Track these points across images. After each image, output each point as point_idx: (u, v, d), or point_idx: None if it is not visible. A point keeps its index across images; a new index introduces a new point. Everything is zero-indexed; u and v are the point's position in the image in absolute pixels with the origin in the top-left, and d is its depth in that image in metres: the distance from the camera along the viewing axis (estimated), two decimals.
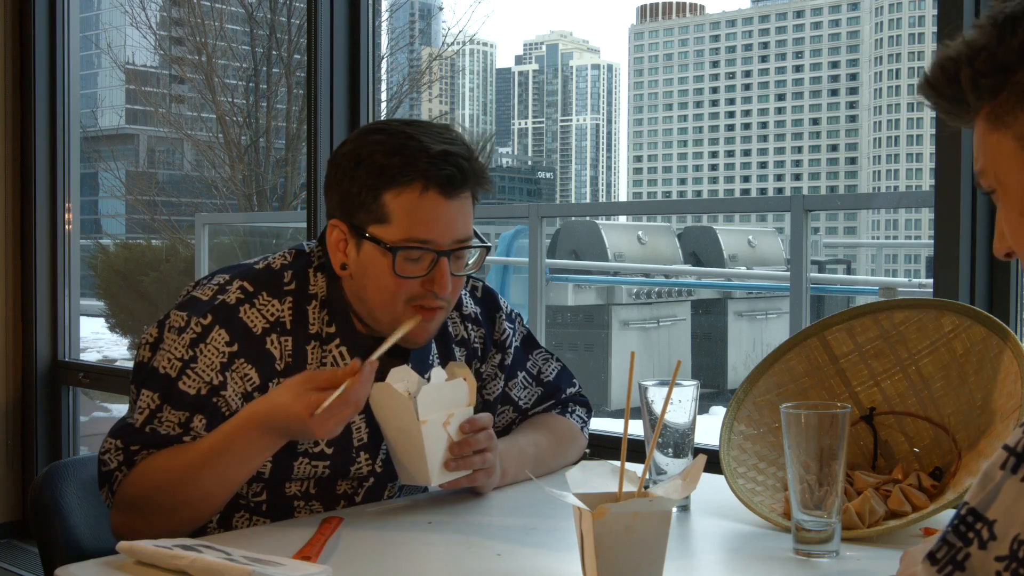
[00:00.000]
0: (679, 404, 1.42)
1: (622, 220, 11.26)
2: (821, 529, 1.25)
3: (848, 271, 14.93)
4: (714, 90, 66.86)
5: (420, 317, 1.47)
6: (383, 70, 14.63)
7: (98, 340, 10.99)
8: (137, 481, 1.42)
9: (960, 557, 0.75)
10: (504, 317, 1.70)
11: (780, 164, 63.79)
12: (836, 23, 62.23)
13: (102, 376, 3.94)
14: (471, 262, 1.52)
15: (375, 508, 1.54)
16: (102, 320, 10.97)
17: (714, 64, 67.03)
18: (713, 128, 66.86)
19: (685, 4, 72.43)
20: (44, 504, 1.66)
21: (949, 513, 1.33)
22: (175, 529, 1.38)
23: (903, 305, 1.52)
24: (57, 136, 3.89)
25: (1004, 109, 0.90)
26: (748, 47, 66.00)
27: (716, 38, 66.84)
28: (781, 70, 64.61)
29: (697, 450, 1.39)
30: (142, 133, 20.58)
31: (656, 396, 1.41)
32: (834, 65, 62.45)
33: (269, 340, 1.47)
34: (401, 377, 1.45)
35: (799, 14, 63.60)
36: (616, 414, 9.21)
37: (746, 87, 65.76)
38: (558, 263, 9.85)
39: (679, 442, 1.43)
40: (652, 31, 69.05)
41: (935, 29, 2.03)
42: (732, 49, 66.34)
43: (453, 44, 20.96)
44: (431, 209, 1.44)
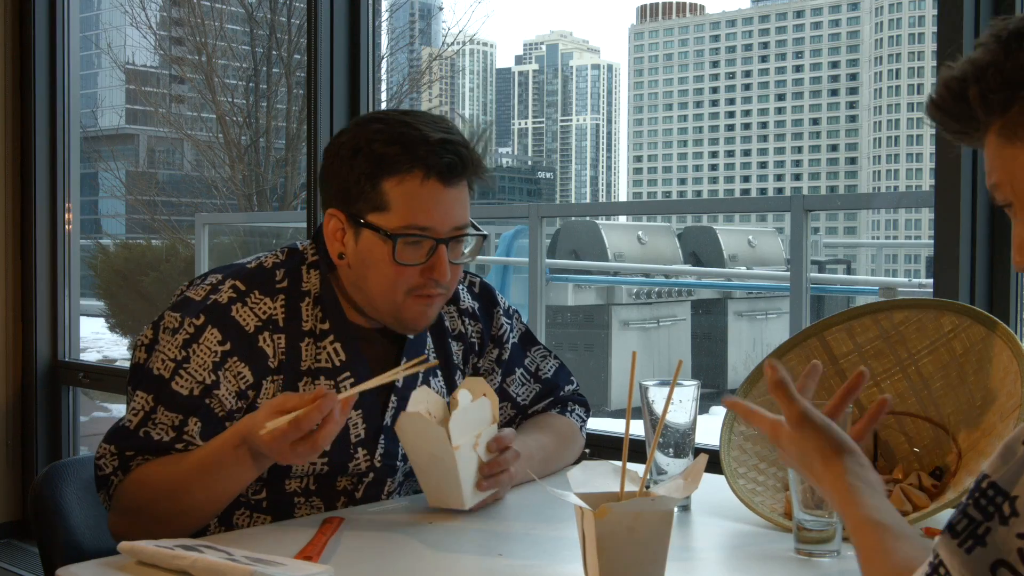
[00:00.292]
0: (680, 404, 1.42)
1: (622, 220, 11.26)
2: (822, 529, 1.25)
3: (848, 271, 14.93)
4: (714, 90, 66.85)
5: (411, 364, 1.47)
6: (383, 70, 14.62)
7: (98, 340, 11.00)
8: (133, 488, 1.43)
9: (981, 531, 0.75)
10: (502, 313, 1.70)
11: (780, 164, 63.78)
12: (836, 23, 62.23)
13: (102, 376, 3.94)
14: (468, 250, 1.53)
15: (376, 508, 1.54)
16: (102, 320, 10.98)
17: (714, 64, 67.02)
18: (713, 128, 66.85)
19: (685, 4, 72.43)
20: (44, 504, 1.66)
21: (950, 513, 1.33)
22: (172, 534, 1.38)
23: (903, 305, 1.52)
24: (57, 136, 3.89)
25: (1018, 123, 0.91)
26: (748, 47, 65.99)
27: (716, 38, 66.84)
28: (781, 70, 64.60)
29: (698, 450, 1.39)
30: (142, 133, 20.57)
31: (657, 396, 1.41)
32: (834, 65, 62.45)
33: (262, 338, 1.48)
34: (423, 399, 1.44)
35: (799, 14, 63.60)
36: (616, 414, 9.21)
37: (746, 87, 65.76)
38: (558, 263, 9.85)
39: (680, 442, 1.43)
40: (652, 31, 69.04)
41: (935, 29, 2.03)
42: (732, 49, 66.33)
43: (453, 44, 20.98)
44: (431, 196, 1.45)
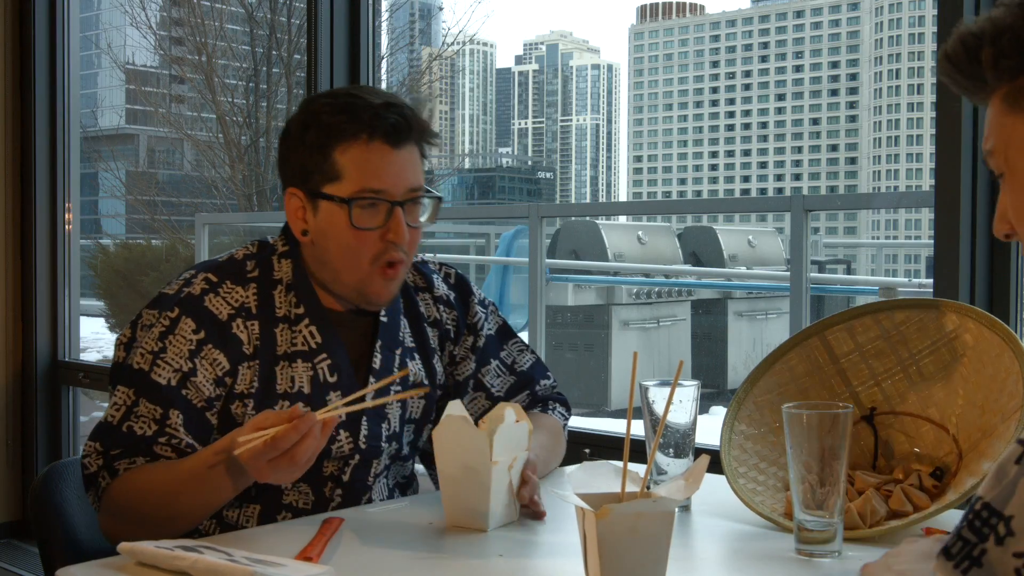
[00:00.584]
0: (680, 404, 1.41)
1: (622, 220, 11.24)
2: (823, 529, 1.25)
3: (848, 271, 14.91)
4: (714, 90, 66.85)
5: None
6: (383, 70, 14.61)
7: (98, 340, 10.99)
8: (122, 492, 1.44)
9: (976, 553, 0.74)
10: (476, 302, 1.72)
11: (780, 164, 63.79)
12: (836, 23, 62.23)
13: (102, 376, 3.94)
14: (426, 216, 1.55)
15: (376, 508, 1.54)
16: (102, 320, 10.98)
17: (714, 64, 67.02)
18: (713, 128, 66.86)
19: (685, 4, 72.43)
20: (44, 504, 1.66)
21: (951, 513, 1.33)
22: (162, 537, 1.38)
23: (903, 305, 1.52)
24: (57, 136, 3.89)
25: (1022, 92, 0.89)
26: (748, 47, 65.99)
27: (716, 38, 66.84)
28: (781, 70, 64.61)
29: (698, 450, 1.39)
30: (142, 133, 20.58)
31: (657, 396, 1.41)
32: (834, 65, 62.45)
33: (235, 325, 1.50)
34: (461, 410, 1.42)
35: (799, 14, 63.60)
36: (617, 414, 9.21)
37: (746, 87, 65.76)
38: (558, 263, 9.84)
39: (680, 442, 1.43)
40: (652, 31, 69.05)
41: (935, 29, 2.03)
42: (732, 49, 66.33)
43: (453, 44, 21.00)
44: (380, 159, 1.48)
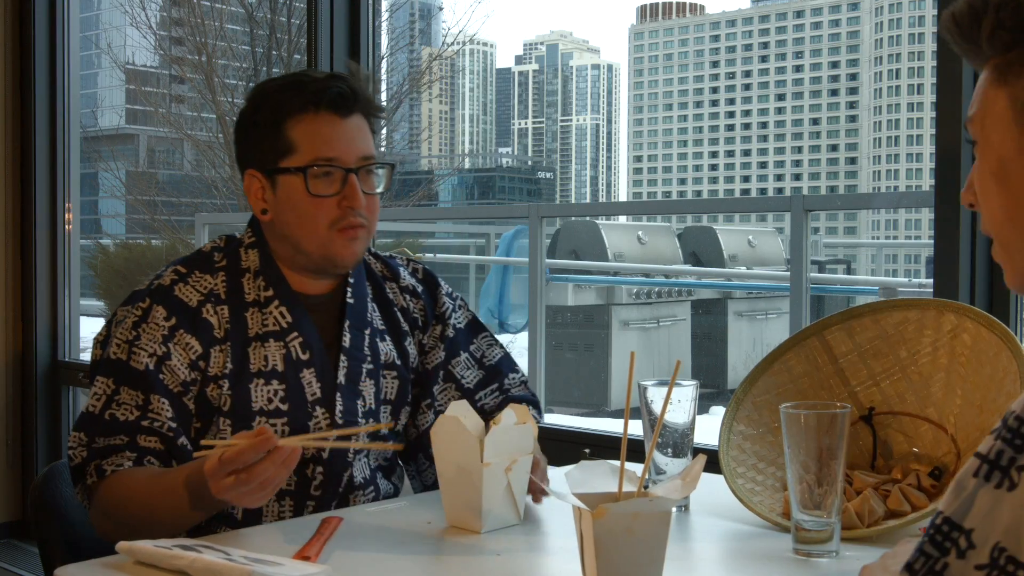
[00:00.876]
0: (678, 404, 1.42)
1: (622, 220, 11.24)
2: (821, 529, 1.25)
3: (848, 271, 14.90)
4: (714, 90, 66.83)
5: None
6: (383, 70, 14.62)
7: None
8: (107, 497, 1.45)
9: (939, 567, 0.74)
10: (444, 293, 1.75)
11: (780, 164, 63.78)
12: (836, 23, 62.21)
13: None
14: (380, 184, 1.61)
15: (375, 508, 1.54)
16: (102, 320, 10.96)
17: (714, 64, 67.00)
18: (713, 128, 66.84)
19: (685, 4, 72.41)
20: (44, 504, 1.66)
21: None
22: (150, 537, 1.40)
23: (903, 305, 1.52)
24: (57, 136, 3.89)
25: (1010, 67, 0.89)
26: (748, 47, 65.97)
27: (716, 38, 66.82)
28: (781, 70, 64.59)
29: (696, 450, 1.39)
30: (142, 133, 20.59)
31: (655, 396, 1.41)
32: (834, 65, 62.44)
33: (205, 310, 1.54)
34: (462, 411, 1.42)
35: (799, 14, 63.59)
36: (616, 414, 9.20)
37: (746, 87, 65.74)
38: (558, 263, 9.84)
39: (678, 442, 1.43)
40: (652, 31, 69.03)
41: (935, 29, 2.02)
42: (732, 49, 66.31)
43: (453, 44, 20.98)
44: (329, 128, 1.54)
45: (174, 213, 14.53)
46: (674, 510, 1.32)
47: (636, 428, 1.39)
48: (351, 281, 1.64)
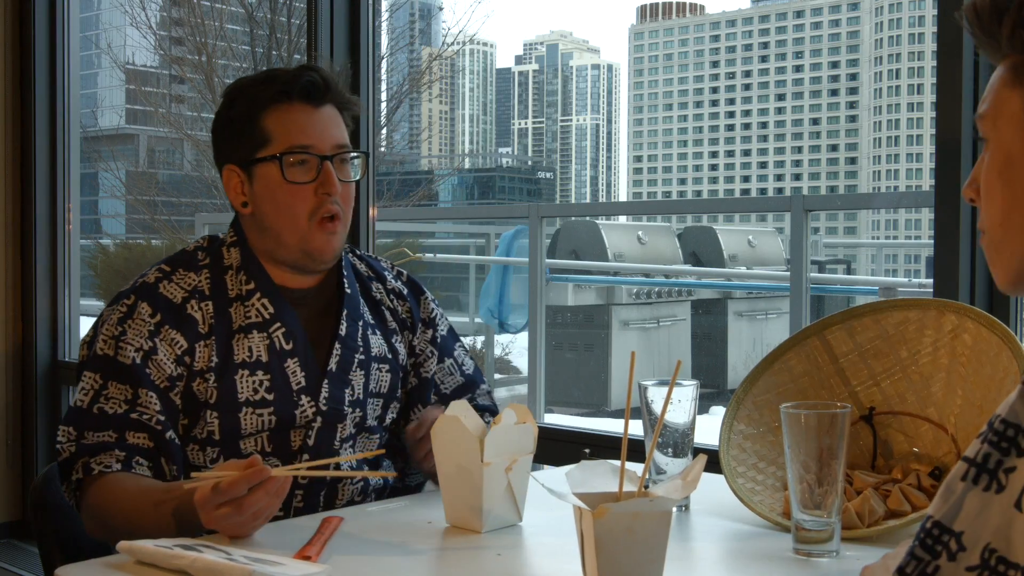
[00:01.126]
0: (679, 404, 1.42)
1: (622, 220, 11.23)
2: (821, 529, 1.25)
3: (848, 271, 14.89)
4: (714, 90, 66.87)
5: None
6: (383, 70, 14.63)
7: None
8: (95, 501, 1.46)
9: (930, 570, 0.74)
10: (429, 299, 1.78)
11: (780, 164, 63.82)
12: (836, 23, 62.24)
13: None
14: (356, 174, 1.63)
15: (375, 508, 1.54)
16: None
17: (714, 64, 67.04)
18: (713, 128, 66.88)
19: (685, 4, 72.45)
20: (44, 504, 1.67)
21: None
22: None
23: (903, 305, 1.52)
24: (57, 136, 3.89)
25: None
26: (748, 47, 66.01)
27: (716, 38, 66.84)
28: (781, 70, 64.62)
29: (696, 450, 1.39)
30: (142, 133, 20.60)
31: (656, 396, 1.41)
32: (834, 65, 62.47)
33: (190, 306, 1.56)
34: (463, 411, 1.42)
35: (799, 14, 63.62)
36: (616, 414, 9.20)
37: (746, 87, 65.78)
38: (558, 263, 9.83)
39: (679, 442, 1.43)
40: (652, 31, 69.07)
41: (935, 29, 2.03)
42: (732, 49, 66.34)
43: (453, 44, 20.99)
44: (304, 117, 1.57)
45: (174, 213, 14.54)
46: (674, 510, 1.32)
47: (636, 428, 1.39)
48: (345, 274, 1.66)
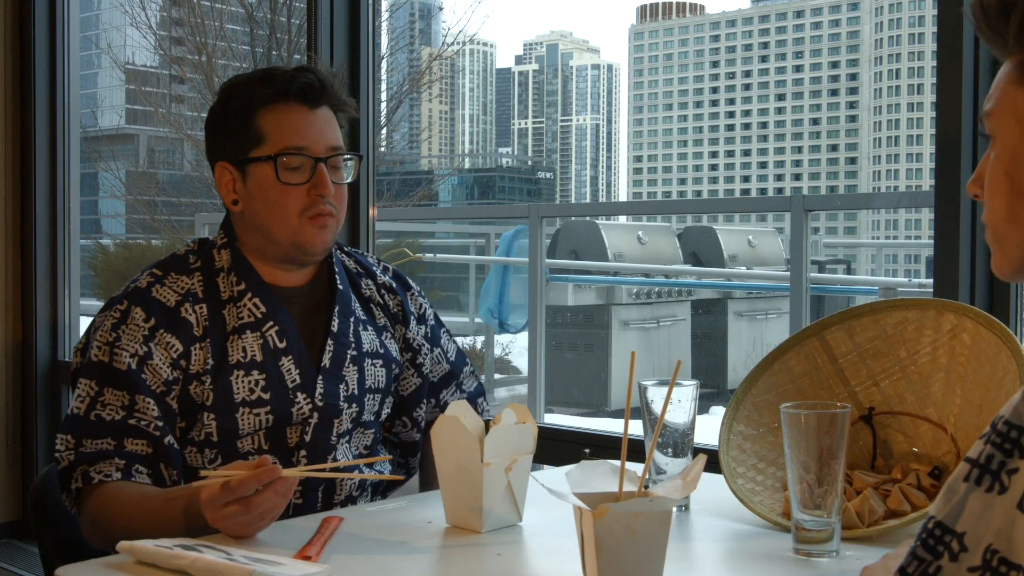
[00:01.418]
0: (678, 404, 1.42)
1: (622, 220, 11.23)
2: (821, 529, 1.25)
3: (848, 271, 14.90)
4: (714, 90, 66.86)
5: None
6: (383, 70, 14.63)
7: None
8: (95, 509, 1.46)
9: (932, 571, 0.74)
10: (418, 294, 1.80)
11: (780, 164, 63.81)
12: (836, 23, 62.24)
13: None
14: (349, 175, 1.63)
15: (375, 508, 1.54)
16: None
17: (714, 64, 67.02)
18: (713, 128, 66.87)
19: (685, 4, 72.45)
20: (44, 504, 1.67)
21: None
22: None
23: (902, 305, 1.52)
24: (57, 136, 3.89)
25: None
26: (748, 47, 66.00)
27: (716, 38, 66.84)
28: (781, 70, 64.61)
29: (696, 450, 1.39)
30: (142, 133, 20.60)
31: (656, 396, 1.41)
32: (834, 65, 62.46)
33: (184, 309, 1.56)
34: (462, 411, 1.42)
35: (799, 14, 63.61)
36: (616, 414, 9.20)
37: (746, 87, 65.77)
38: (558, 263, 9.83)
39: (679, 442, 1.43)
40: (652, 31, 69.07)
41: (935, 29, 2.03)
42: (732, 49, 66.33)
43: (453, 44, 21.00)
44: (298, 118, 1.57)
45: (174, 213, 14.54)
46: (674, 510, 1.32)
47: (636, 428, 1.39)
48: (336, 271, 1.67)
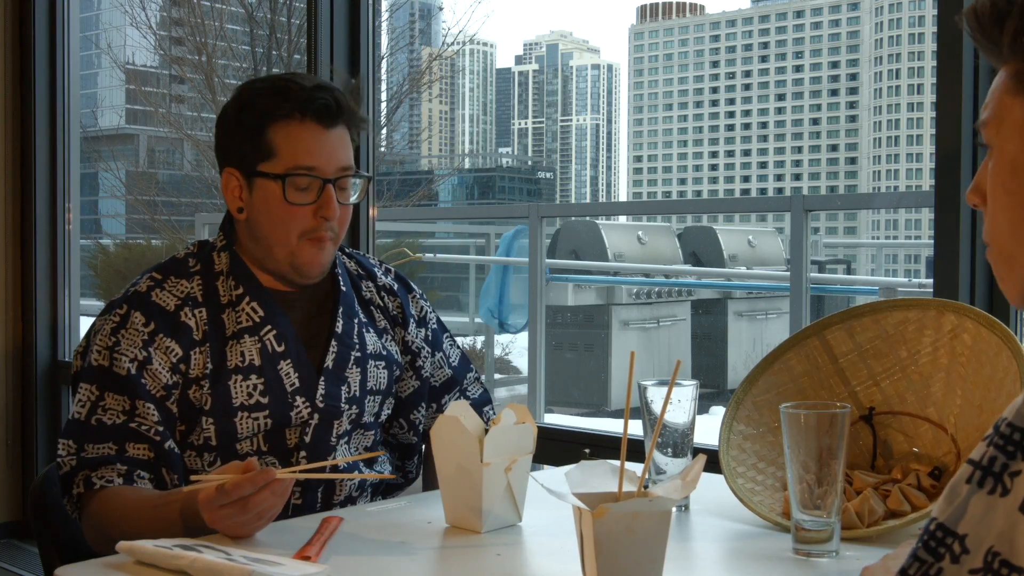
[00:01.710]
0: (678, 404, 1.42)
1: (622, 220, 11.24)
2: (820, 529, 1.25)
3: (848, 271, 14.90)
4: (714, 90, 66.86)
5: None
6: (383, 70, 14.63)
7: None
8: (97, 513, 1.46)
9: (933, 572, 0.74)
10: (419, 296, 1.79)
11: (780, 164, 63.83)
12: (836, 23, 62.25)
13: None
14: (355, 194, 1.63)
15: (375, 508, 1.54)
16: None
17: (714, 64, 67.03)
18: (713, 128, 66.89)
19: (685, 4, 72.47)
20: (44, 504, 1.67)
21: None
22: None
23: (903, 305, 1.52)
24: (57, 136, 3.89)
25: None
26: (748, 47, 66.01)
27: (716, 38, 66.85)
28: (781, 70, 64.63)
29: (696, 450, 1.39)
30: (142, 133, 20.62)
31: (655, 396, 1.41)
32: (834, 65, 62.48)
33: (183, 313, 1.56)
34: (462, 411, 1.42)
35: (799, 14, 63.62)
36: (616, 414, 9.20)
37: (746, 87, 65.79)
38: (558, 263, 9.83)
39: (678, 442, 1.43)
40: (652, 31, 69.08)
41: (935, 29, 2.03)
42: (732, 49, 66.35)
43: (453, 44, 20.99)
44: (312, 137, 1.55)
45: (174, 213, 14.55)
46: (674, 510, 1.32)
47: (636, 428, 1.39)
48: (339, 272, 1.67)
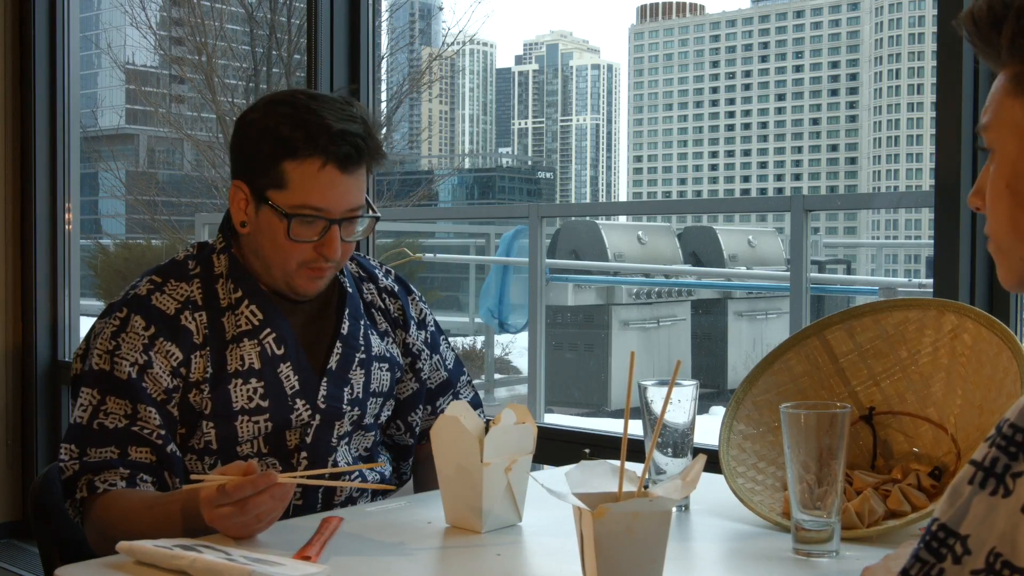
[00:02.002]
0: (678, 404, 1.42)
1: (622, 220, 11.24)
2: (821, 529, 1.25)
3: (848, 271, 14.90)
4: (714, 90, 66.85)
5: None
6: (383, 70, 14.63)
7: None
8: (100, 517, 1.46)
9: (935, 573, 0.74)
10: (418, 298, 1.80)
11: (780, 164, 63.81)
12: (836, 23, 62.23)
13: None
14: (360, 229, 1.61)
15: (375, 508, 1.54)
16: None
17: (714, 64, 67.02)
18: (713, 128, 66.86)
19: (685, 4, 72.44)
20: (44, 504, 1.67)
21: None
22: None
23: (903, 305, 1.52)
24: (57, 136, 3.89)
25: None
26: (748, 47, 65.99)
27: (716, 38, 66.83)
28: (781, 70, 64.61)
29: (696, 450, 1.39)
30: (142, 133, 20.63)
31: (655, 396, 1.41)
32: (834, 65, 62.45)
33: (183, 317, 1.56)
34: (462, 411, 1.42)
35: (799, 14, 63.60)
36: (616, 414, 9.20)
37: (746, 87, 65.76)
38: (558, 263, 9.84)
39: (678, 442, 1.43)
40: (652, 31, 69.06)
41: (935, 29, 2.03)
42: (732, 49, 66.33)
43: (453, 44, 20.98)
44: (328, 182, 1.53)
45: (174, 213, 14.55)
46: (674, 510, 1.32)
47: (636, 428, 1.39)
48: (344, 274, 1.67)
